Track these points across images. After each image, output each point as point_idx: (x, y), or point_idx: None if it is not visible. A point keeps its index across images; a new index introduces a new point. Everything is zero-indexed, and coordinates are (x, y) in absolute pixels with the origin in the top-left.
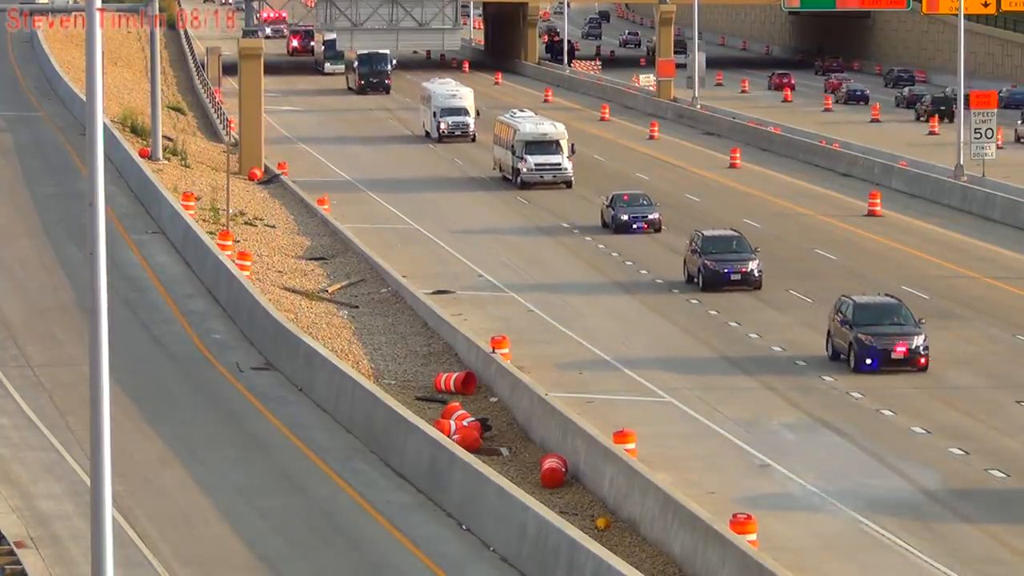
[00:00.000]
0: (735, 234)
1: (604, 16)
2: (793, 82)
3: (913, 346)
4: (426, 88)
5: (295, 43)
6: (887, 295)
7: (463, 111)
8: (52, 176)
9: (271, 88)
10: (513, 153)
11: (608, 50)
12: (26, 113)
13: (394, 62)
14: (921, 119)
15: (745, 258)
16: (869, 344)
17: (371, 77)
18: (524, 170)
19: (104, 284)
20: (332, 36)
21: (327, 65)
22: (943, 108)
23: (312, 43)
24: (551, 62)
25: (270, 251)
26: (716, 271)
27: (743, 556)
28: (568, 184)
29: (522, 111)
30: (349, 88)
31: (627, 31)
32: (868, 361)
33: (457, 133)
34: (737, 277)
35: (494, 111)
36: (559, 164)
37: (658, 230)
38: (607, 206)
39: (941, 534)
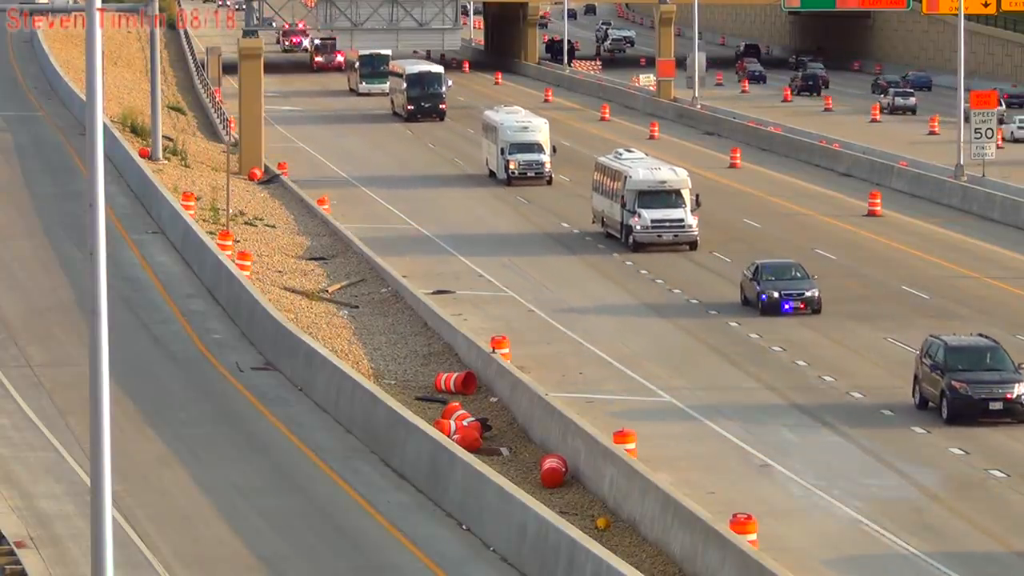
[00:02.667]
0: (990, 343)
1: (591, 9)
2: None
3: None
4: (490, 118)
5: (319, 58)
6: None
7: (536, 147)
8: (52, 176)
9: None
10: (623, 206)
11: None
12: (26, 113)
13: (449, 83)
14: (794, 93)
15: (1008, 379)
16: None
17: (423, 101)
18: (638, 227)
19: (104, 284)
20: (369, 51)
21: (363, 84)
22: (811, 83)
23: (338, 57)
24: (551, 62)
25: (270, 251)
26: (969, 397)
27: (743, 556)
28: (692, 246)
29: (629, 150)
30: (395, 113)
31: (601, 21)
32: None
33: (529, 174)
34: (998, 406)
35: None
36: (682, 220)
37: (817, 310)
38: (750, 279)
39: (941, 534)
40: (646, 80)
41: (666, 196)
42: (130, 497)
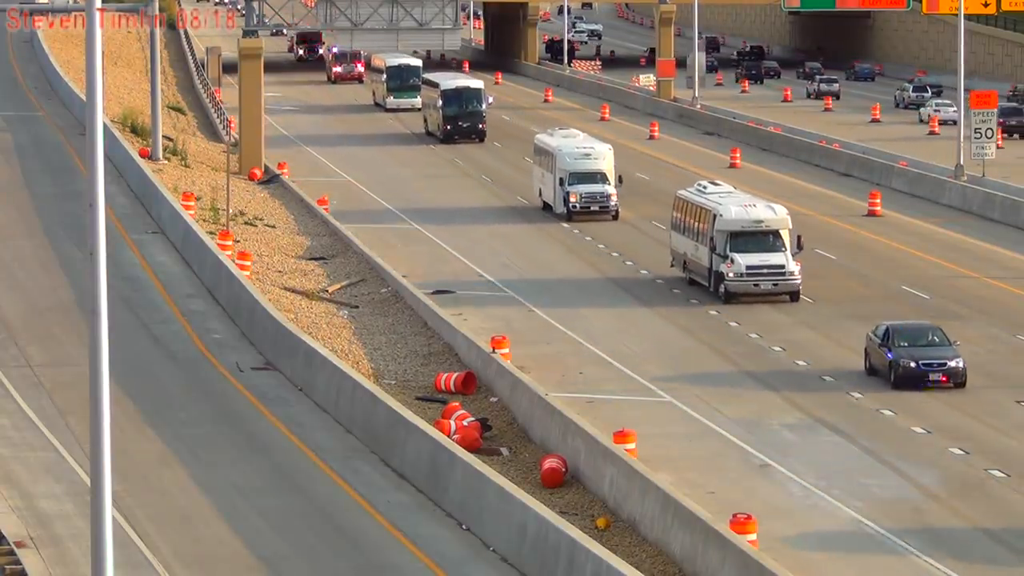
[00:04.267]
0: None
1: (587, 7)
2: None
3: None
4: (545, 143)
5: (338, 68)
6: None
7: (600, 177)
8: (52, 176)
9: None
10: (711, 249)
11: (608, 50)
12: (26, 113)
13: (490, 99)
14: (736, 81)
15: None
16: None
17: (461, 120)
18: (730, 275)
19: (104, 284)
20: (398, 61)
21: (391, 99)
22: (753, 72)
23: (358, 67)
24: (551, 62)
25: (270, 251)
26: None
27: (743, 556)
28: (794, 296)
29: (715, 183)
30: (428, 132)
31: (577, 16)
32: None
33: (594, 208)
34: None
35: (494, 111)
36: (782, 267)
37: (961, 384)
38: (879, 344)
39: (941, 534)
40: (646, 80)
41: (763, 238)
42: (130, 497)
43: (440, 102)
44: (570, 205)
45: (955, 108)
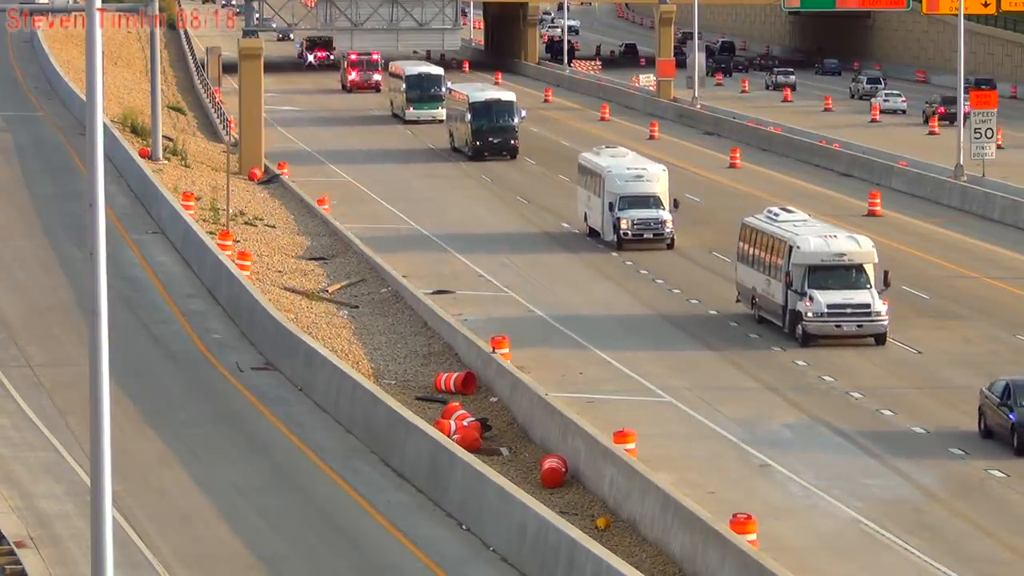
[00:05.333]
0: None
1: (586, 5)
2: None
3: None
4: (591, 162)
5: (353, 76)
6: None
7: (654, 201)
8: (52, 176)
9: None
10: (787, 285)
11: (608, 50)
12: (26, 113)
13: (523, 113)
14: (709, 74)
15: None
16: None
17: (491, 136)
18: (809, 315)
19: (104, 284)
20: (418, 70)
21: (410, 110)
22: (724, 67)
23: (375, 76)
24: (551, 62)
25: (270, 251)
26: None
27: (743, 556)
28: (880, 339)
29: (788, 209)
30: (454, 148)
31: (545, 12)
32: None
33: (648, 236)
34: None
35: None
36: (868, 306)
37: None
38: (997, 404)
39: (941, 534)
40: (646, 80)
41: (845, 273)
42: (130, 497)
43: (469, 115)
44: (621, 232)
45: (903, 98)
